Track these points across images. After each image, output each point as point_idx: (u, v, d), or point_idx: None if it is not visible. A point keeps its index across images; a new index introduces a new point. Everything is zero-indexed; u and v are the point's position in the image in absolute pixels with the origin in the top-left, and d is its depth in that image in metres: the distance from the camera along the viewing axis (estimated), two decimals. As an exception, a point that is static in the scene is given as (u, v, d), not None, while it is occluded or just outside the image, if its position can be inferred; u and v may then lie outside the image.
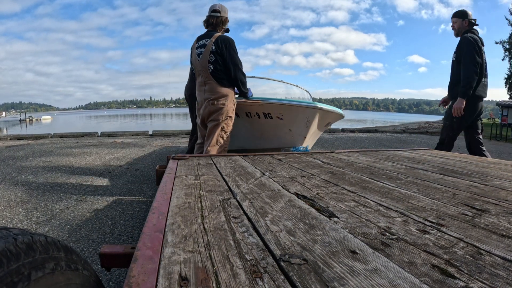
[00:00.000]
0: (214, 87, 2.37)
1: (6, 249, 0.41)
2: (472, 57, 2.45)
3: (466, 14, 2.65)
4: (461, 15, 2.65)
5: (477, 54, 2.46)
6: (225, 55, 2.30)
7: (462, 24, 2.63)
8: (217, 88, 2.36)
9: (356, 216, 0.80)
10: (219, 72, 2.34)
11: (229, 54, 2.31)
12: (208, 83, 2.39)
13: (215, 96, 2.36)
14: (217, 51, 2.30)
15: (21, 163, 3.72)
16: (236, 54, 2.34)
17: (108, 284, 1.20)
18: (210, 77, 2.36)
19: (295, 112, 2.56)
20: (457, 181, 1.25)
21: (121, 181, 2.86)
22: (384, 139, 7.34)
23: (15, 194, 2.41)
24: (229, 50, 2.31)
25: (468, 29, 2.63)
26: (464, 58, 2.49)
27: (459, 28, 2.65)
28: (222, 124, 2.38)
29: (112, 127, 21.36)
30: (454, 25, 2.67)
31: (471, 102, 2.52)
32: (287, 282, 0.47)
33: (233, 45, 2.34)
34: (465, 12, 2.67)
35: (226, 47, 2.30)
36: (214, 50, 2.31)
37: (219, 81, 2.35)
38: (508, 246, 0.61)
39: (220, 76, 2.35)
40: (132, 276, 0.48)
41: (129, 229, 1.76)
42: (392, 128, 13.61)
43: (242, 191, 1.04)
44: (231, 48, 2.32)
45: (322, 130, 3.16)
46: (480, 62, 2.47)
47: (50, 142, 6.18)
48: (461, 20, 2.63)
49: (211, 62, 2.33)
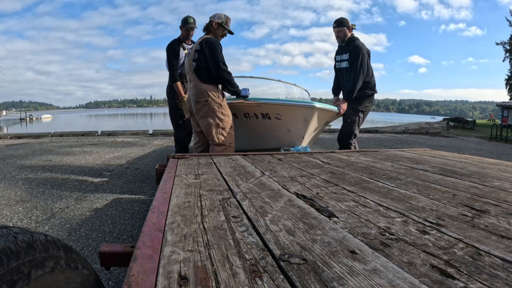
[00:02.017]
0: (196, 84, 2.42)
1: (6, 248, 0.41)
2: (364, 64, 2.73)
3: (348, 22, 2.86)
4: (345, 24, 2.84)
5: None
6: (207, 54, 2.37)
7: (347, 32, 2.84)
8: (199, 85, 2.41)
9: (355, 216, 0.80)
10: (201, 69, 2.40)
11: (210, 52, 2.36)
12: (192, 81, 2.46)
13: (197, 93, 2.42)
14: (201, 50, 2.39)
15: (21, 162, 3.72)
16: (218, 52, 2.38)
17: (107, 283, 1.20)
18: (193, 74, 2.43)
19: (293, 112, 2.56)
20: (457, 182, 1.25)
21: (121, 180, 2.87)
22: (384, 139, 7.34)
23: (15, 192, 2.42)
24: (210, 48, 2.37)
25: (351, 35, 2.84)
26: (355, 64, 2.73)
27: (344, 36, 2.84)
28: (214, 121, 2.39)
29: (112, 126, 21.37)
30: (340, 34, 2.85)
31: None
32: (287, 282, 0.47)
33: (215, 44, 2.40)
34: (347, 20, 2.87)
35: (208, 46, 2.37)
36: (199, 49, 2.39)
37: (201, 78, 2.40)
38: (507, 247, 0.61)
39: (202, 73, 2.40)
40: (132, 275, 0.48)
41: (128, 228, 1.76)
42: (392, 128, 13.61)
43: (242, 191, 1.04)
44: (213, 47, 2.37)
45: (322, 129, 3.16)
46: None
47: (50, 141, 6.19)
48: (345, 28, 2.82)
49: (194, 60, 2.41)
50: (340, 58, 2.93)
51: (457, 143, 7.67)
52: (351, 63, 2.74)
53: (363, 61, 2.69)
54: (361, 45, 2.73)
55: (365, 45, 2.76)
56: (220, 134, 2.40)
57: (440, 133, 10.65)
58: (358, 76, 2.69)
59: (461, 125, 15.87)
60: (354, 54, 2.71)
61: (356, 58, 2.70)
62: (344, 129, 2.86)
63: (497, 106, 15.08)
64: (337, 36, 2.86)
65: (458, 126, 15.78)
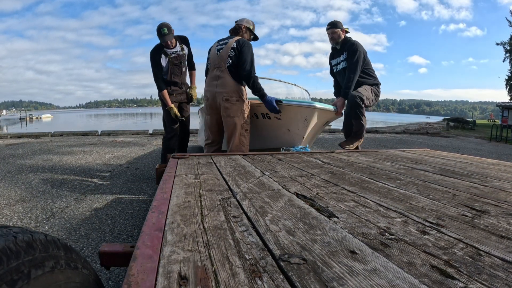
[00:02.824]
0: (228, 82, 2.40)
1: (6, 247, 0.41)
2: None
3: (341, 24, 2.87)
4: (339, 25, 2.86)
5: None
6: (242, 53, 2.39)
7: (341, 33, 2.85)
8: (232, 83, 2.39)
9: (355, 216, 0.80)
10: (235, 67, 2.39)
11: (246, 52, 2.39)
12: (222, 77, 2.42)
13: (229, 91, 2.39)
14: (237, 48, 2.40)
15: (21, 162, 3.72)
16: (251, 54, 2.42)
17: (107, 282, 1.20)
18: (226, 71, 2.41)
19: (293, 112, 2.56)
20: (457, 182, 1.25)
21: (121, 180, 2.87)
22: (384, 140, 7.34)
23: (15, 192, 2.42)
24: (247, 48, 2.40)
25: (345, 36, 2.85)
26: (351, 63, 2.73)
27: (339, 37, 2.85)
28: (241, 122, 2.41)
29: (112, 126, 21.37)
30: (334, 35, 2.86)
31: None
32: (286, 282, 0.47)
33: (251, 47, 2.45)
34: (340, 22, 2.88)
35: (245, 45, 2.40)
36: (235, 47, 2.40)
37: (234, 77, 2.40)
38: (507, 247, 0.61)
39: (236, 72, 2.40)
40: (132, 274, 0.48)
41: (128, 228, 1.76)
42: (392, 128, 13.61)
43: (242, 191, 1.04)
44: (249, 48, 2.42)
45: (322, 129, 3.15)
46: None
47: (50, 140, 6.19)
48: (339, 30, 2.84)
49: (230, 57, 2.40)
50: (336, 61, 2.94)
51: (457, 143, 7.67)
52: (350, 62, 2.74)
53: (359, 57, 2.69)
54: (357, 43, 2.75)
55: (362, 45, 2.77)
56: (243, 136, 2.43)
57: (440, 133, 10.65)
58: (354, 71, 2.70)
59: (461, 125, 15.87)
60: (351, 51, 2.72)
61: (353, 54, 2.71)
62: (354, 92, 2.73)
63: (497, 106, 15.08)
64: (331, 38, 2.87)
65: (458, 126, 15.79)
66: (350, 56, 2.74)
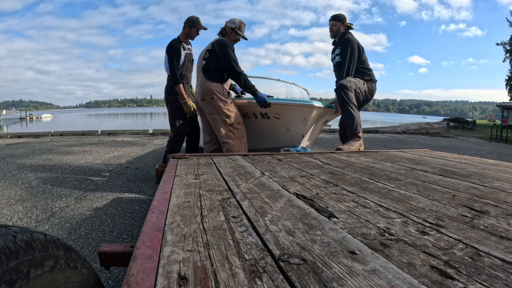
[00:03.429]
0: (203, 82, 2.50)
1: (5, 247, 0.41)
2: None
3: (345, 19, 2.86)
4: (341, 19, 2.85)
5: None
6: (218, 53, 2.44)
7: (341, 27, 2.85)
8: (206, 83, 2.48)
9: (355, 217, 0.80)
10: (210, 68, 2.47)
11: (222, 52, 2.43)
12: (199, 78, 2.55)
13: (203, 91, 2.50)
14: (213, 49, 2.48)
15: (21, 161, 3.72)
16: (230, 51, 2.43)
17: (107, 282, 1.20)
18: (201, 72, 2.51)
19: (292, 111, 2.56)
20: (456, 183, 1.25)
21: (121, 180, 2.87)
22: (384, 140, 7.34)
23: (15, 192, 2.42)
24: (222, 48, 2.44)
25: (344, 32, 2.84)
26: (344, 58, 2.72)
27: (337, 30, 2.86)
28: (221, 118, 2.47)
29: (112, 125, 21.37)
30: (333, 28, 2.87)
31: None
32: (286, 282, 0.47)
33: (227, 44, 2.46)
34: (344, 17, 2.87)
35: (220, 45, 2.45)
36: (211, 48, 2.49)
37: (207, 77, 2.48)
38: (507, 248, 0.61)
39: (210, 72, 2.48)
40: (131, 274, 0.48)
41: (128, 227, 1.76)
42: (392, 128, 13.61)
43: (241, 191, 1.04)
44: (225, 46, 2.44)
45: (321, 128, 3.15)
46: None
47: (50, 140, 6.19)
48: (340, 23, 2.84)
49: (205, 58, 2.50)
50: (334, 54, 2.94)
51: (457, 143, 7.67)
52: (342, 56, 2.75)
53: (352, 53, 2.69)
54: (351, 38, 2.74)
55: (358, 40, 2.76)
56: (228, 131, 2.48)
57: (440, 134, 10.65)
58: (348, 68, 2.69)
59: (461, 126, 15.88)
60: (344, 47, 2.73)
61: (345, 50, 2.71)
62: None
63: (497, 106, 15.09)
64: (330, 30, 2.90)
65: (458, 126, 15.79)
66: (343, 52, 2.74)
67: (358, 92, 2.67)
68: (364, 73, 2.79)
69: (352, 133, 2.63)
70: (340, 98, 2.60)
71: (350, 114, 2.60)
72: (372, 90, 2.82)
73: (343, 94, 2.57)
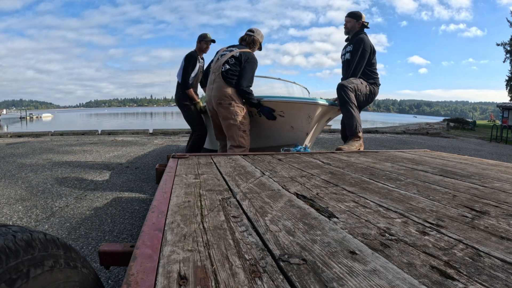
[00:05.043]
0: (221, 86, 2.49)
1: (5, 246, 0.41)
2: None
3: (361, 16, 2.83)
4: (356, 16, 2.83)
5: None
6: (244, 66, 2.48)
7: (356, 25, 2.82)
8: (224, 88, 2.47)
9: (355, 217, 0.80)
10: (231, 74, 2.47)
11: (249, 67, 2.48)
12: (216, 82, 2.52)
13: (221, 95, 2.48)
14: (239, 58, 2.49)
15: (21, 161, 3.72)
16: (254, 71, 2.51)
17: (107, 282, 1.20)
18: (220, 76, 2.49)
19: (296, 108, 2.56)
20: (457, 183, 1.25)
21: (121, 179, 2.87)
22: (385, 140, 7.34)
23: (15, 191, 2.42)
24: (250, 64, 2.49)
25: (359, 30, 2.81)
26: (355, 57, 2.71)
27: (351, 27, 2.83)
28: (236, 124, 2.49)
29: (112, 125, 21.38)
30: (347, 24, 2.85)
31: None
32: (286, 282, 0.47)
33: (256, 63, 2.52)
34: (360, 15, 2.84)
35: (250, 60, 2.49)
36: (237, 56, 2.49)
37: (226, 81, 2.47)
38: (507, 248, 0.61)
39: (229, 77, 2.47)
40: (131, 274, 0.48)
41: (128, 227, 1.76)
42: (392, 128, 13.61)
43: (242, 191, 1.04)
44: (253, 64, 2.50)
45: (323, 126, 3.16)
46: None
47: (50, 139, 6.19)
48: (355, 21, 2.82)
49: (228, 63, 2.49)
50: (345, 51, 2.93)
51: (457, 143, 7.67)
52: (352, 55, 2.74)
53: (363, 54, 2.68)
54: (365, 39, 2.72)
55: (371, 43, 2.74)
56: (241, 137, 2.50)
57: (441, 134, 10.65)
58: (356, 68, 2.69)
59: (461, 126, 15.87)
60: (356, 46, 2.72)
61: (357, 50, 2.70)
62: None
63: (497, 107, 15.09)
64: (345, 26, 2.89)
65: (459, 126, 15.78)
66: (354, 51, 2.73)
67: (358, 94, 2.67)
68: (369, 76, 2.78)
69: (352, 133, 2.64)
70: (341, 98, 2.61)
71: (350, 114, 2.61)
72: (373, 93, 2.82)
73: (344, 94, 2.58)
